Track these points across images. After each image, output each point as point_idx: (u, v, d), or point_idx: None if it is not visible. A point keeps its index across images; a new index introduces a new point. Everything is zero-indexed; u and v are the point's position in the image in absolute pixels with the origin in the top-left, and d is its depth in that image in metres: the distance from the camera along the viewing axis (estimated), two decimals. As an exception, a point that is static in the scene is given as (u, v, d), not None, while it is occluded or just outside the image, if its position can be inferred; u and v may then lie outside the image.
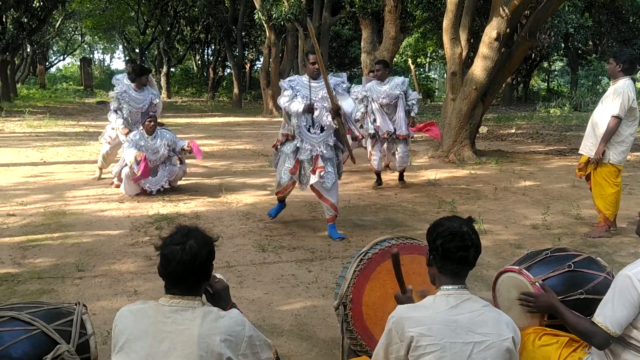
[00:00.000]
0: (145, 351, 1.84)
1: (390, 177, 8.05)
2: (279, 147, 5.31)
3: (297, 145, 5.16)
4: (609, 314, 2.08)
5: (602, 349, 2.14)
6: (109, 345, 3.11)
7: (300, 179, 5.25)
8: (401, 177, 7.62)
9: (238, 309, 2.05)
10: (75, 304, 2.39)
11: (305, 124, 5.16)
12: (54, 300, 3.64)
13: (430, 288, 2.18)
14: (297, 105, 5.04)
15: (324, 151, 5.14)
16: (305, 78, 5.23)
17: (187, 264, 1.90)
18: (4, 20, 20.74)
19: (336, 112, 4.93)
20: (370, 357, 2.59)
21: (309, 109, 5.06)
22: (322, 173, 5.06)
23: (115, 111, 6.99)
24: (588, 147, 5.33)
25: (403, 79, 7.20)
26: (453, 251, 2.00)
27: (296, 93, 5.13)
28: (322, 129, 5.17)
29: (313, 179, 5.11)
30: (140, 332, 1.87)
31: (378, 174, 7.51)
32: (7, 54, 20.66)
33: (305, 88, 5.12)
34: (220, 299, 2.09)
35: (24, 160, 8.94)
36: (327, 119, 5.09)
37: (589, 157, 5.29)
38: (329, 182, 5.14)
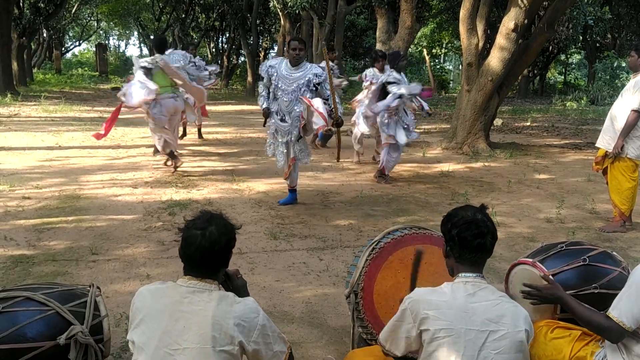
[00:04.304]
0: (161, 329, 1.89)
1: (403, 168, 8.00)
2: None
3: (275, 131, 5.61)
4: (624, 309, 2.06)
5: (615, 343, 2.13)
6: (121, 327, 3.16)
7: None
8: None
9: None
10: (89, 286, 2.41)
11: (278, 116, 5.48)
12: (68, 282, 3.69)
13: (443, 280, 2.17)
14: (261, 103, 5.59)
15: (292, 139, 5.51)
16: (285, 65, 5.38)
17: (205, 250, 1.94)
18: (21, 5, 20.88)
19: (338, 124, 5.24)
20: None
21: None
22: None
23: None
24: (606, 141, 5.26)
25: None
26: (470, 239, 1.98)
27: (270, 84, 5.44)
28: (290, 118, 5.43)
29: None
30: (157, 310, 1.92)
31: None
32: (24, 38, 20.83)
33: (283, 78, 5.34)
34: (239, 294, 2.13)
35: (40, 144, 9.02)
36: (297, 110, 5.33)
37: (606, 151, 5.22)
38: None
